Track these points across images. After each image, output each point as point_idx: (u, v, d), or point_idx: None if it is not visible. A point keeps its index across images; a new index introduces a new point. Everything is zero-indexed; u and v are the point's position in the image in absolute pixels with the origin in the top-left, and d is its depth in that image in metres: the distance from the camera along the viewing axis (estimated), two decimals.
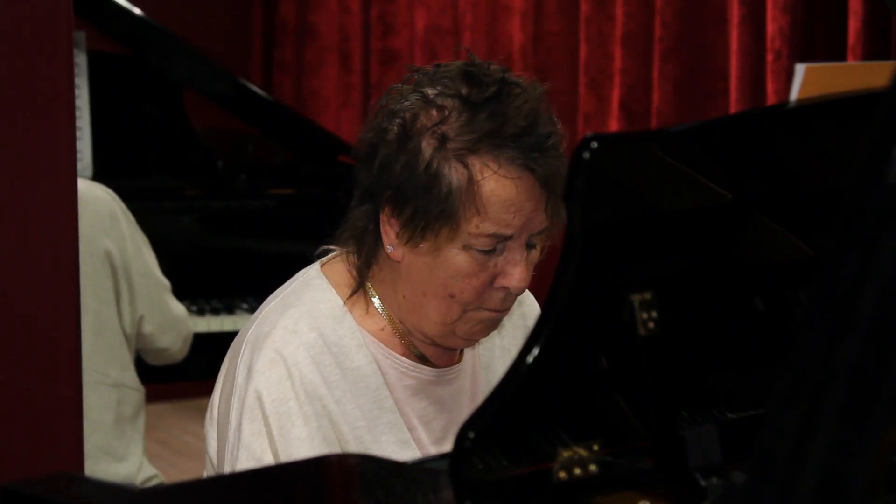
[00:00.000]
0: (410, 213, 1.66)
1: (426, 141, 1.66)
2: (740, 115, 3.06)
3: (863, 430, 0.74)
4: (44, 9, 2.09)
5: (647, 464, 1.30)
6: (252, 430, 1.67)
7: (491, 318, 1.73)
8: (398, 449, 1.73)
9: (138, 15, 4.22)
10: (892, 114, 0.75)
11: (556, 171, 1.67)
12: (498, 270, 1.69)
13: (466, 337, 1.74)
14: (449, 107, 1.67)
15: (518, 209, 1.66)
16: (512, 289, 1.70)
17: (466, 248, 1.66)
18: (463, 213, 1.64)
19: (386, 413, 1.73)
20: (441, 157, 1.65)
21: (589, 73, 4.86)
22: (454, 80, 1.69)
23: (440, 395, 1.79)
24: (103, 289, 2.91)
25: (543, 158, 1.66)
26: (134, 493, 1.62)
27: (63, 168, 2.13)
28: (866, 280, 0.74)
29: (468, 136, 1.65)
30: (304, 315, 1.73)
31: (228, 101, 4.48)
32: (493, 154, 1.65)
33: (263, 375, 1.68)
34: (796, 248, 1.38)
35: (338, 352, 1.72)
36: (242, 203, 4.19)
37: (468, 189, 1.64)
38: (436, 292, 1.69)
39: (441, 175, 1.64)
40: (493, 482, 1.22)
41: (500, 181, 1.65)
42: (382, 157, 1.68)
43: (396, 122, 1.68)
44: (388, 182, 1.68)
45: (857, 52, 3.81)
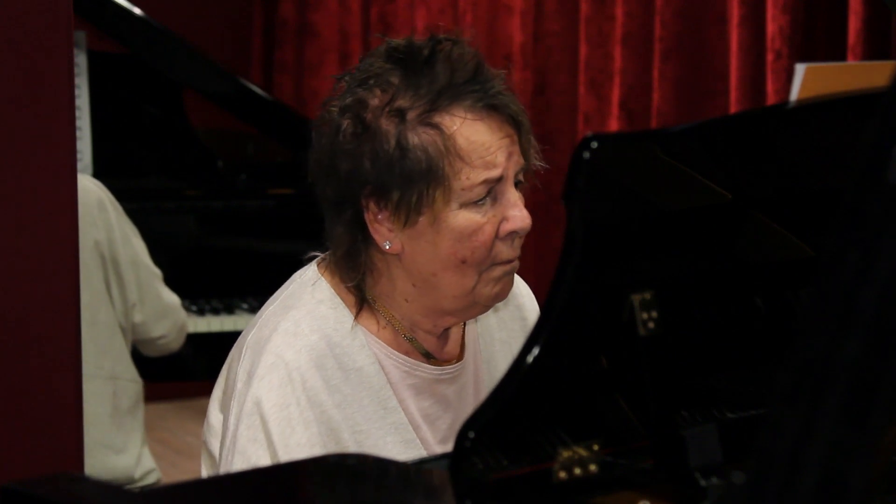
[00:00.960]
0: (398, 195, 1.65)
1: (384, 122, 1.66)
2: (740, 115, 3.06)
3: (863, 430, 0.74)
4: (44, 9, 2.09)
5: (647, 464, 1.30)
6: (248, 437, 1.65)
7: (506, 270, 1.71)
8: (403, 449, 1.72)
9: (138, 15, 4.22)
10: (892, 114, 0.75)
11: (516, 107, 1.70)
12: (499, 218, 1.69)
13: (489, 300, 1.72)
14: (393, 83, 1.67)
15: (497, 147, 1.66)
16: (519, 230, 1.70)
17: (463, 205, 1.66)
18: (450, 170, 1.64)
19: (390, 413, 1.72)
20: (406, 129, 1.65)
21: (589, 73, 4.86)
22: (384, 61, 1.69)
23: (444, 394, 1.78)
24: (93, 280, 2.91)
25: (501, 96, 1.68)
26: (134, 493, 1.62)
27: (63, 168, 2.13)
28: (866, 280, 0.74)
29: (424, 99, 1.65)
30: (305, 317, 1.71)
31: (228, 101, 4.48)
32: (454, 105, 1.65)
33: (264, 381, 1.66)
34: (796, 248, 1.38)
35: (340, 353, 1.70)
36: (242, 203, 4.19)
37: (445, 145, 1.64)
38: (447, 264, 1.67)
39: (413, 145, 1.64)
40: (493, 482, 1.22)
41: (471, 126, 1.65)
42: (345, 158, 1.67)
43: (347, 121, 1.68)
44: (361, 180, 1.66)
45: (857, 52, 3.81)
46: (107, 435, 2.95)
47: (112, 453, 2.95)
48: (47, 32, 2.10)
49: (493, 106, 1.67)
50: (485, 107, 1.67)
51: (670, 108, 4.53)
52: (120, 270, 2.97)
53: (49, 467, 2.12)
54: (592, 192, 1.18)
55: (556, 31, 5.06)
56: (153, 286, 3.06)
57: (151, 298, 3.05)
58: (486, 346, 1.87)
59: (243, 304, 4.03)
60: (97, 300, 2.92)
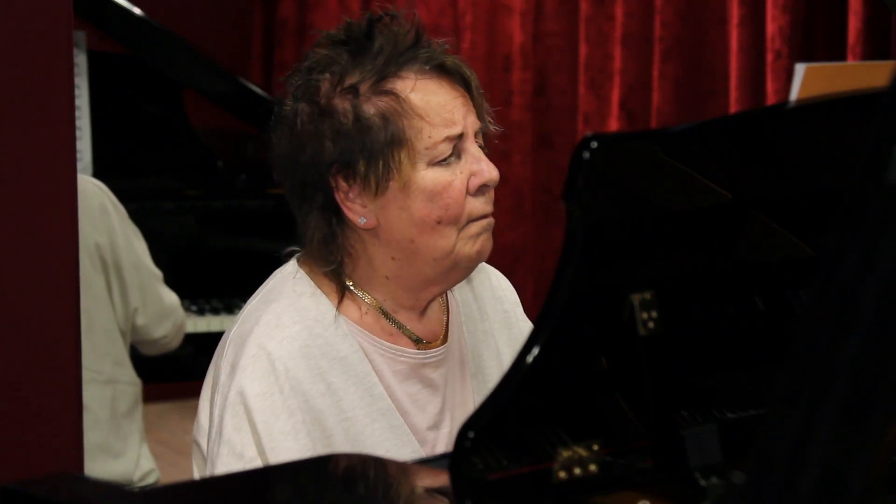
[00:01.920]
0: (364, 165, 1.67)
1: (339, 101, 1.69)
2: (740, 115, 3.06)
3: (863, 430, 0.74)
4: (44, 9, 2.09)
5: (647, 464, 1.30)
6: (234, 426, 1.66)
7: (483, 226, 1.73)
8: (391, 435, 1.72)
9: (138, 15, 4.22)
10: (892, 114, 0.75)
11: (466, 68, 1.73)
12: (467, 175, 1.70)
13: (469, 261, 1.74)
14: (339, 64, 1.70)
15: (452, 105, 1.70)
16: (489, 181, 1.71)
17: (430, 164, 1.68)
18: (411, 131, 1.67)
19: (377, 400, 1.73)
20: (360, 102, 1.68)
21: (589, 73, 4.86)
22: (327, 49, 1.73)
23: (430, 378, 1.78)
24: (94, 285, 2.91)
25: (447, 56, 1.71)
26: (134, 493, 1.62)
27: (63, 168, 2.13)
28: (866, 280, 0.74)
29: (372, 71, 1.69)
30: (286, 309, 1.72)
31: (228, 101, 4.48)
32: (403, 70, 1.69)
33: (247, 371, 1.67)
34: (796, 248, 1.38)
35: (323, 343, 1.71)
36: (242, 203, 4.19)
37: (402, 108, 1.67)
38: (423, 227, 1.69)
39: (371, 115, 1.67)
40: (493, 482, 1.22)
41: (424, 86, 1.69)
42: (307, 143, 1.70)
43: (302, 107, 1.70)
44: (326, 160, 1.69)
45: (857, 52, 3.81)
46: (105, 439, 2.94)
47: (110, 457, 2.95)
48: (47, 32, 2.10)
49: (441, 65, 1.71)
50: (433, 68, 1.70)
51: (670, 108, 4.53)
52: (122, 274, 2.97)
53: (49, 467, 2.12)
54: (592, 192, 1.18)
55: (556, 31, 5.07)
56: (155, 288, 3.06)
57: (153, 301, 3.05)
58: (470, 335, 1.87)
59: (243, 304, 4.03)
60: (97, 304, 2.92)
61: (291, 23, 6.17)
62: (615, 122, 4.76)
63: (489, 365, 1.86)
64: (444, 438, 1.78)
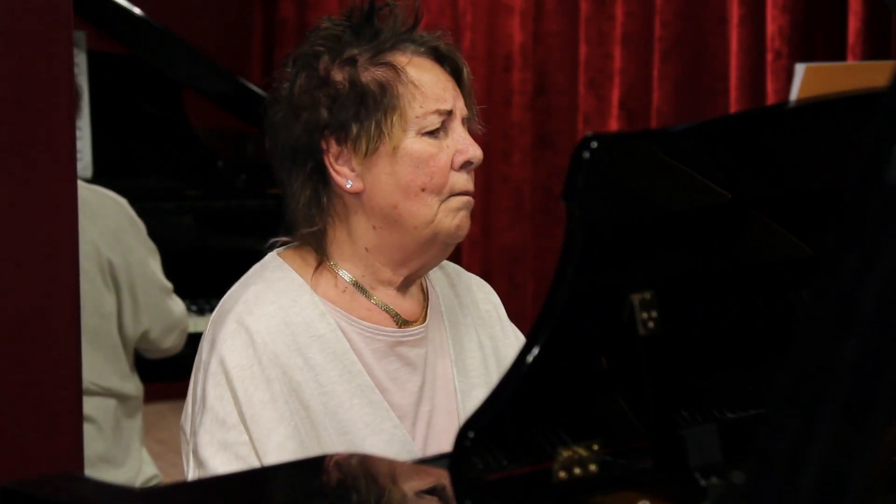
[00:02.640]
0: (357, 127, 1.74)
1: (336, 72, 1.76)
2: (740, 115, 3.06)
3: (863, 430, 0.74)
4: (44, 9, 2.09)
5: (647, 464, 1.30)
6: (216, 395, 1.70)
7: (464, 202, 1.78)
8: (370, 411, 1.75)
9: (138, 15, 4.22)
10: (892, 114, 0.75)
11: (456, 54, 1.81)
12: (452, 150, 1.77)
13: (448, 235, 1.78)
14: (339, 39, 1.78)
15: (443, 85, 1.78)
16: (472, 157, 1.77)
17: (419, 133, 1.75)
18: (404, 98, 1.75)
19: (355, 377, 1.76)
20: (359, 71, 1.75)
21: (589, 73, 4.86)
22: (327, 28, 1.80)
23: (409, 356, 1.81)
24: (105, 303, 2.89)
25: (443, 45, 1.80)
26: (134, 493, 1.62)
27: (63, 168, 2.13)
28: (866, 280, 0.74)
29: (371, 46, 1.77)
30: (264, 289, 1.78)
31: (228, 101, 4.48)
32: (400, 47, 1.78)
33: (226, 344, 1.72)
34: (796, 248, 1.38)
35: (300, 321, 1.75)
36: (242, 203, 4.19)
37: (398, 78, 1.75)
38: (407, 193, 1.75)
39: (367, 82, 1.75)
40: (493, 482, 1.22)
41: (418, 65, 1.77)
42: (303, 109, 1.76)
43: (301, 76, 1.78)
44: (320, 126, 1.76)
45: (857, 52, 3.81)
46: (108, 450, 2.94)
47: (112, 468, 2.94)
48: (47, 32, 2.10)
49: (435, 49, 1.79)
50: (427, 50, 1.79)
51: (670, 108, 4.53)
52: (135, 293, 2.96)
53: (49, 467, 2.12)
54: (592, 191, 1.18)
55: (556, 31, 5.06)
56: (166, 305, 3.05)
57: (164, 317, 3.05)
58: (451, 324, 1.89)
59: None
60: (106, 324, 2.91)
61: (291, 23, 6.17)
62: (615, 122, 4.76)
63: (471, 357, 1.89)
64: (425, 417, 1.81)
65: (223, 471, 1.67)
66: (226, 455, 1.68)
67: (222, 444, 1.68)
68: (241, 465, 1.68)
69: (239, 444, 1.68)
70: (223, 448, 1.68)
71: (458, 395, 1.84)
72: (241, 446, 1.68)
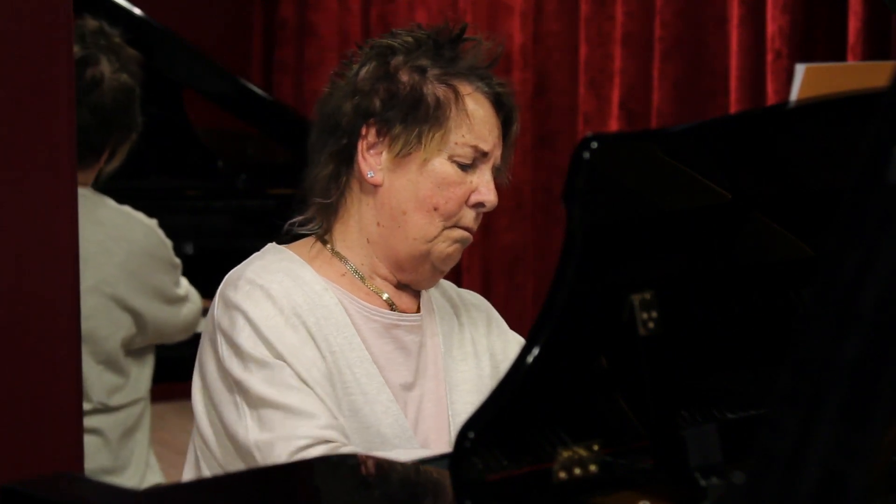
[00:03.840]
0: (400, 128, 1.81)
1: (404, 73, 1.83)
2: (740, 115, 3.06)
3: (863, 430, 0.74)
4: (44, 9, 2.09)
5: (647, 464, 1.30)
6: (250, 344, 1.73)
7: (463, 237, 1.85)
8: (367, 381, 1.80)
9: (138, 15, 4.22)
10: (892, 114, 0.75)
11: (515, 110, 1.89)
12: (472, 188, 1.83)
13: (439, 260, 1.84)
14: (419, 46, 1.85)
15: (491, 128, 1.84)
16: (486, 202, 1.84)
17: (451, 158, 1.81)
18: (453, 121, 1.81)
19: (355, 349, 1.81)
20: (424, 81, 1.82)
21: (589, 73, 4.86)
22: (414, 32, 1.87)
23: (404, 341, 1.86)
24: (122, 331, 2.87)
25: (506, 94, 1.87)
26: (134, 493, 1.62)
27: (63, 168, 2.13)
28: (866, 280, 0.74)
29: (444, 66, 1.84)
30: (270, 262, 1.83)
31: (228, 101, 4.48)
32: (468, 80, 1.84)
33: (246, 302, 1.76)
34: (796, 248, 1.38)
35: (307, 290, 1.80)
36: (242, 203, 4.19)
37: (456, 101, 1.82)
38: (420, 206, 1.81)
39: (427, 93, 1.82)
40: (493, 482, 1.22)
41: (478, 102, 1.84)
42: (359, 93, 1.83)
43: (371, 63, 1.84)
44: (368, 113, 1.82)
45: (857, 52, 3.81)
46: (114, 462, 2.92)
47: (114, 477, 2.93)
48: (47, 32, 2.10)
49: (497, 96, 1.85)
50: (490, 94, 1.85)
51: (670, 108, 4.53)
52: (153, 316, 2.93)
53: (49, 467, 2.12)
54: (592, 192, 1.18)
55: (556, 31, 5.06)
56: (181, 315, 3.03)
57: (177, 325, 3.03)
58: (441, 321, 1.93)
59: None
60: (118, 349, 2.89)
61: (291, 23, 6.17)
62: (615, 123, 4.75)
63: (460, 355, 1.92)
64: (415, 401, 1.85)
65: (285, 402, 1.70)
66: (278, 389, 1.71)
67: (269, 380, 1.71)
68: (298, 394, 1.70)
69: (287, 376, 1.72)
70: (273, 384, 1.71)
71: (447, 387, 1.87)
72: (290, 377, 1.72)
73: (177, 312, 3.01)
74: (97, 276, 2.81)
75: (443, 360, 1.89)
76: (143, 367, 2.99)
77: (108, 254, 2.83)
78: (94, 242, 2.82)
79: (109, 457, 2.89)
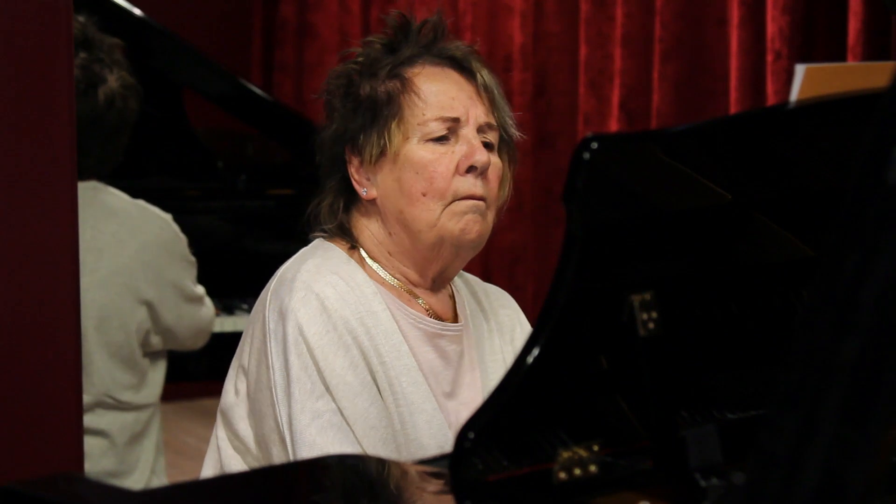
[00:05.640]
0: (365, 135, 1.83)
1: (363, 86, 1.86)
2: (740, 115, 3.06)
3: (863, 430, 0.74)
4: (44, 9, 2.09)
5: (647, 464, 1.30)
6: (300, 365, 1.74)
7: (469, 206, 1.83)
8: (414, 390, 1.80)
9: (138, 15, 4.22)
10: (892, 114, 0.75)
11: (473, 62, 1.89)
12: (458, 155, 1.81)
13: (454, 237, 1.83)
14: (372, 54, 1.88)
15: (456, 93, 1.84)
16: (476, 163, 1.81)
17: (422, 140, 1.81)
18: (406, 106, 1.82)
19: (402, 356, 1.81)
20: (376, 83, 1.85)
21: (589, 74, 4.86)
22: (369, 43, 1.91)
23: (445, 350, 1.87)
24: (136, 324, 2.86)
25: (461, 54, 1.88)
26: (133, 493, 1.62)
27: (63, 168, 2.13)
28: (866, 280, 0.74)
29: (392, 61, 1.86)
30: (322, 263, 1.82)
31: (228, 101, 4.48)
32: (418, 62, 1.86)
33: (300, 312, 1.75)
34: (796, 248, 1.38)
35: (359, 294, 1.81)
36: (242, 203, 4.19)
37: (404, 88, 1.83)
38: (410, 198, 1.81)
39: (377, 94, 1.84)
40: (493, 482, 1.22)
41: (429, 73, 1.85)
42: (335, 119, 1.87)
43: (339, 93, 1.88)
44: (345, 136, 1.85)
45: (856, 52, 3.81)
46: (119, 464, 2.92)
47: (118, 482, 2.92)
48: (47, 32, 2.10)
49: (451, 58, 1.87)
50: (444, 60, 1.87)
51: (670, 109, 4.53)
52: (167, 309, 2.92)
53: (49, 467, 2.12)
54: (592, 192, 1.18)
55: (556, 31, 5.06)
56: (196, 314, 3.02)
57: (193, 328, 3.02)
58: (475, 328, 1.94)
59: (243, 305, 4.03)
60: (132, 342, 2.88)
61: (291, 23, 6.17)
62: (615, 123, 4.75)
63: (492, 361, 1.93)
64: (455, 410, 1.85)
65: (320, 440, 1.71)
66: (319, 423, 1.72)
67: (314, 412, 1.72)
68: (335, 432, 1.72)
69: (330, 412, 1.73)
70: (316, 417, 1.72)
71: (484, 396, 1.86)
72: (332, 414, 1.73)
73: (192, 312, 3.00)
74: (111, 266, 2.81)
75: (479, 368, 1.91)
76: (156, 372, 2.99)
77: (122, 245, 2.83)
78: (108, 233, 2.82)
79: (114, 460, 2.89)
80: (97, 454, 2.82)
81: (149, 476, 2.98)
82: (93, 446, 2.79)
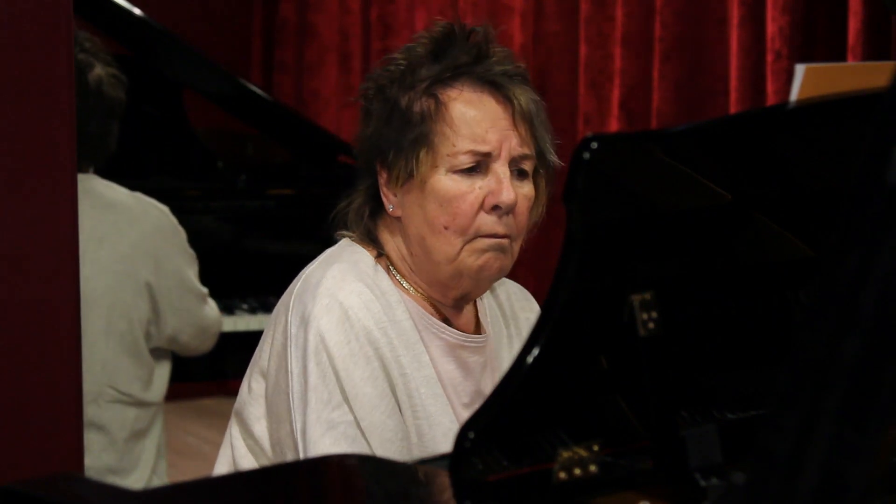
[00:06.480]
0: (394, 154, 1.77)
1: (399, 91, 1.79)
2: (740, 115, 3.06)
3: (863, 430, 0.74)
4: (44, 9, 2.09)
5: (647, 464, 1.30)
6: (319, 374, 1.72)
7: (491, 245, 1.78)
8: (433, 402, 1.79)
9: (138, 15, 4.22)
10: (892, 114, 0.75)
11: (514, 88, 1.79)
12: (486, 192, 1.76)
13: (473, 272, 1.79)
14: (416, 58, 1.81)
15: (490, 125, 1.76)
16: (501, 203, 1.75)
17: (449, 171, 1.76)
18: (437, 134, 1.76)
19: (423, 367, 1.79)
20: (413, 97, 1.78)
21: (589, 73, 4.86)
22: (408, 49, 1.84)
23: (466, 361, 1.85)
24: (136, 310, 2.87)
25: (503, 76, 1.79)
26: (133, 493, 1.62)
27: (63, 168, 2.13)
28: (866, 280, 0.74)
29: (432, 75, 1.78)
30: (349, 268, 1.79)
31: (228, 101, 4.48)
32: (458, 81, 1.78)
33: (322, 320, 1.73)
34: (796, 248, 1.38)
35: (384, 303, 1.79)
36: (242, 203, 4.18)
37: (437, 112, 1.76)
38: (432, 229, 1.77)
39: (412, 111, 1.77)
40: (493, 482, 1.22)
41: (466, 98, 1.77)
42: (371, 121, 1.82)
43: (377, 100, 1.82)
44: (376, 147, 1.80)
45: (857, 52, 3.81)
46: (120, 461, 2.92)
47: (119, 478, 2.92)
48: (47, 32, 2.10)
49: (493, 83, 1.78)
50: (483, 86, 1.78)
51: (670, 109, 4.53)
52: (169, 301, 2.93)
53: (49, 467, 2.12)
54: (592, 192, 1.18)
55: (556, 31, 5.06)
56: (200, 312, 3.03)
57: (197, 324, 3.02)
58: (495, 335, 1.93)
59: (243, 305, 4.03)
60: (136, 332, 2.88)
61: (291, 23, 6.17)
62: (615, 123, 4.75)
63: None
64: None
65: (333, 450, 1.69)
66: (333, 434, 1.71)
67: (329, 423, 1.71)
68: (349, 444, 1.71)
69: (346, 424, 1.71)
70: (331, 428, 1.71)
71: None
72: (348, 426, 1.71)
73: (194, 306, 3.00)
74: (111, 255, 2.82)
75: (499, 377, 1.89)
76: (162, 371, 2.99)
77: (121, 234, 2.84)
78: (108, 223, 2.83)
79: (114, 456, 2.89)
80: (97, 449, 2.82)
81: (149, 476, 2.98)
82: (92, 441, 2.79)
